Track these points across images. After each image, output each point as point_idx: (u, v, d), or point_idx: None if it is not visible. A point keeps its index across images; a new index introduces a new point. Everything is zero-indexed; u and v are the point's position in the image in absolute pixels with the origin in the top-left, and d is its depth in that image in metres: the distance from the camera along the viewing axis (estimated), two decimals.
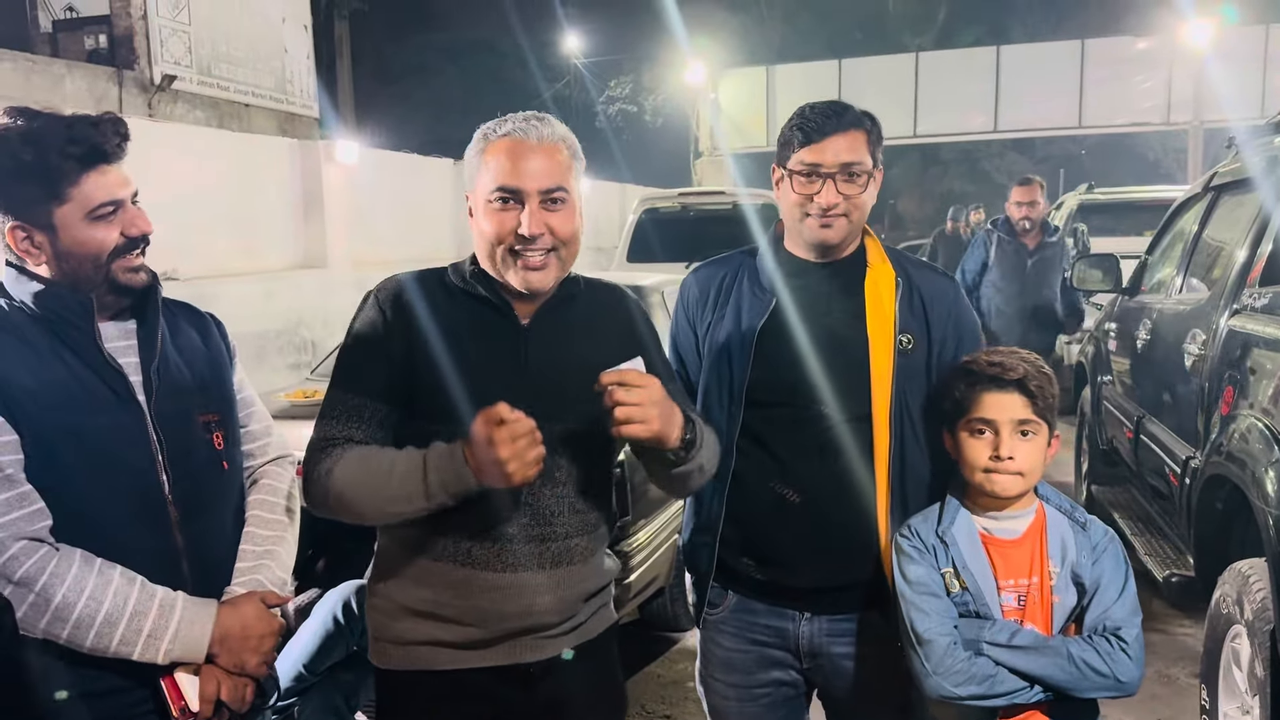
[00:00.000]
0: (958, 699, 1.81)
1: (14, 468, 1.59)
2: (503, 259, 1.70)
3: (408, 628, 1.76)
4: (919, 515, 1.97)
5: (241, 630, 1.72)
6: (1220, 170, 4.16)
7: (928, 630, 1.84)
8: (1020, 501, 1.91)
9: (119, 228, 1.68)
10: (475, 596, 1.71)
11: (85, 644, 1.60)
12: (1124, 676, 1.79)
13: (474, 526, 1.69)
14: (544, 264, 1.70)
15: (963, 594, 1.87)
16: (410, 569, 1.75)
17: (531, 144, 1.69)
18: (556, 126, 1.75)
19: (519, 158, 1.68)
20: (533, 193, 1.68)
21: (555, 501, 1.73)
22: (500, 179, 1.68)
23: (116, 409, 1.68)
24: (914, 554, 1.91)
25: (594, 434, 1.71)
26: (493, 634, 1.73)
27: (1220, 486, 3.00)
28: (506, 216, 1.68)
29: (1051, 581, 1.86)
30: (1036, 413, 1.88)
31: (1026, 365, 1.90)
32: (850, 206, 1.94)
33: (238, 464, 1.89)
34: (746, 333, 2.02)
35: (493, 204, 1.69)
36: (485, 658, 1.74)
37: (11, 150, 1.61)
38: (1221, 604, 2.82)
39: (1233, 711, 2.82)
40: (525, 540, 1.71)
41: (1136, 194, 10.76)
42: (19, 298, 1.68)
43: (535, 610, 1.73)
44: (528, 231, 1.67)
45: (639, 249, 9.16)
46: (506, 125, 1.72)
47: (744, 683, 2.10)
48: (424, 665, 1.75)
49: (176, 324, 1.86)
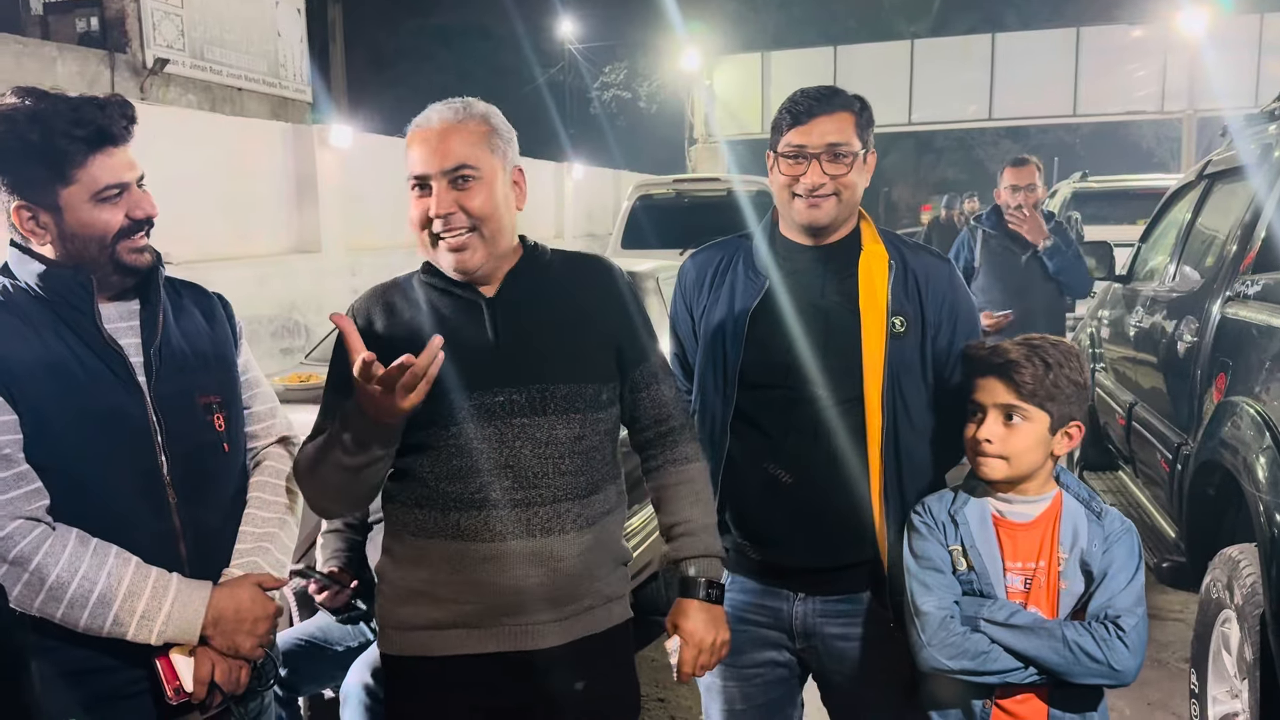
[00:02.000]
0: (949, 672, 1.83)
1: (12, 447, 1.59)
2: (431, 245, 1.75)
3: (410, 612, 1.78)
4: (935, 495, 1.98)
5: (235, 613, 1.72)
6: (1214, 158, 4.17)
7: (926, 603, 1.85)
8: (1033, 487, 1.91)
9: (124, 209, 1.69)
10: (467, 570, 1.73)
11: (79, 623, 1.61)
12: (1119, 665, 1.78)
13: (460, 495, 1.73)
14: (464, 244, 1.72)
15: (968, 572, 1.88)
16: (409, 550, 1.79)
17: (435, 129, 1.72)
18: (472, 106, 1.77)
19: (425, 144, 1.72)
20: (437, 174, 1.71)
21: (538, 462, 1.74)
22: (411, 168, 1.73)
23: (116, 390, 1.68)
24: (923, 530, 1.93)
25: (578, 396, 1.76)
26: (487, 610, 1.74)
27: (1212, 472, 3.01)
28: (422, 203, 1.73)
29: (1059, 568, 1.86)
30: (1024, 398, 1.87)
31: (1023, 350, 1.89)
32: (838, 186, 1.95)
33: (240, 445, 1.89)
34: (739, 315, 2.03)
35: (412, 193, 1.74)
36: (483, 641, 1.75)
37: (19, 131, 1.61)
38: (1212, 589, 2.83)
39: (1222, 695, 2.84)
40: (510, 505, 1.72)
41: (1130, 182, 10.77)
42: (22, 278, 1.69)
43: (526, 585, 1.73)
44: (433, 211, 1.70)
45: (633, 236, 9.15)
46: (419, 117, 1.77)
47: (738, 663, 2.11)
48: (425, 651, 1.77)
49: (181, 304, 1.87)
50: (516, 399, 1.72)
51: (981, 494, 1.94)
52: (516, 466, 1.73)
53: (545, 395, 1.74)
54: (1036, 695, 1.86)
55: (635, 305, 1.90)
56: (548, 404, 1.74)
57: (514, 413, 1.72)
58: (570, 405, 1.76)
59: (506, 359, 1.74)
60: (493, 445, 1.72)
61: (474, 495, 1.72)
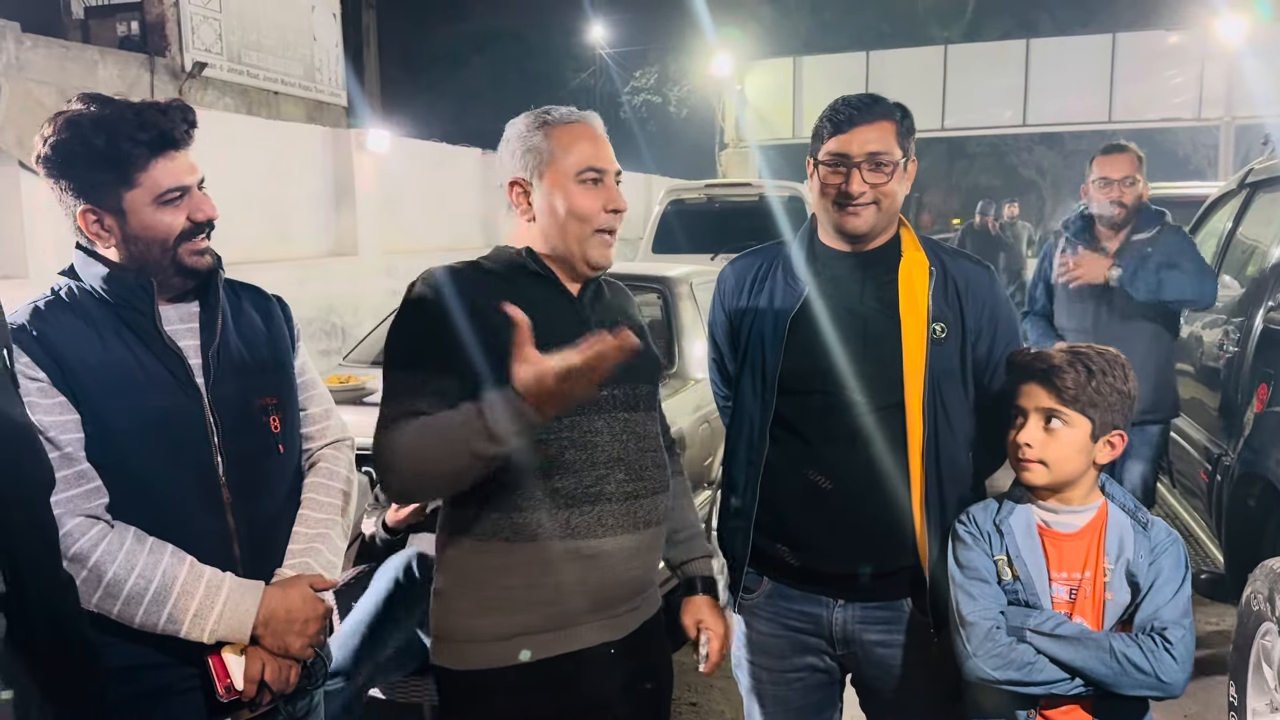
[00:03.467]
0: (995, 682, 1.82)
1: (74, 446, 1.63)
2: (588, 236, 1.78)
3: (492, 624, 1.74)
4: (979, 504, 1.98)
5: (286, 613, 1.75)
6: (1256, 167, 4.14)
7: (972, 613, 1.85)
8: (1077, 496, 1.91)
9: (185, 212, 1.72)
10: (574, 569, 1.73)
11: (135, 620, 1.64)
12: (1166, 677, 1.76)
13: (573, 491, 1.72)
14: (613, 241, 1.83)
15: (1013, 582, 1.87)
16: (498, 561, 1.73)
17: (599, 131, 1.83)
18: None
19: (597, 141, 1.81)
20: (613, 172, 1.81)
21: (642, 455, 1.81)
22: (589, 160, 1.78)
23: (175, 391, 1.72)
24: (968, 539, 1.92)
25: (654, 396, 1.87)
26: (584, 609, 1.76)
27: (1253, 484, 2.99)
28: (598, 194, 1.78)
29: (1105, 578, 1.85)
30: (1065, 403, 1.86)
31: (1066, 356, 1.88)
32: (878, 195, 1.96)
33: (295, 447, 1.92)
34: (779, 321, 2.04)
35: (585, 183, 1.78)
36: (559, 643, 1.75)
37: (84, 136, 1.65)
38: (1252, 600, 2.81)
39: (1261, 708, 2.82)
40: (621, 498, 1.76)
41: (1167, 190, 10.62)
42: (87, 281, 1.73)
43: (628, 578, 1.79)
44: (621, 205, 1.80)
45: (664, 240, 9.14)
46: (562, 110, 1.83)
47: (778, 666, 2.13)
48: (502, 662, 1.74)
49: (240, 306, 1.90)
50: (617, 394, 1.78)
51: (1026, 503, 1.93)
52: (628, 460, 1.78)
53: (636, 393, 1.82)
54: (1081, 707, 1.85)
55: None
56: (639, 401, 1.82)
57: (618, 407, 1.78)
58: (651, 403, 1.87)
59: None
60: (605, 439, 1.76)
61: (589, 489, 1.73)
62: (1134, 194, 3.57)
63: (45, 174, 1.70)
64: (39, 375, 1.62)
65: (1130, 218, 3.60)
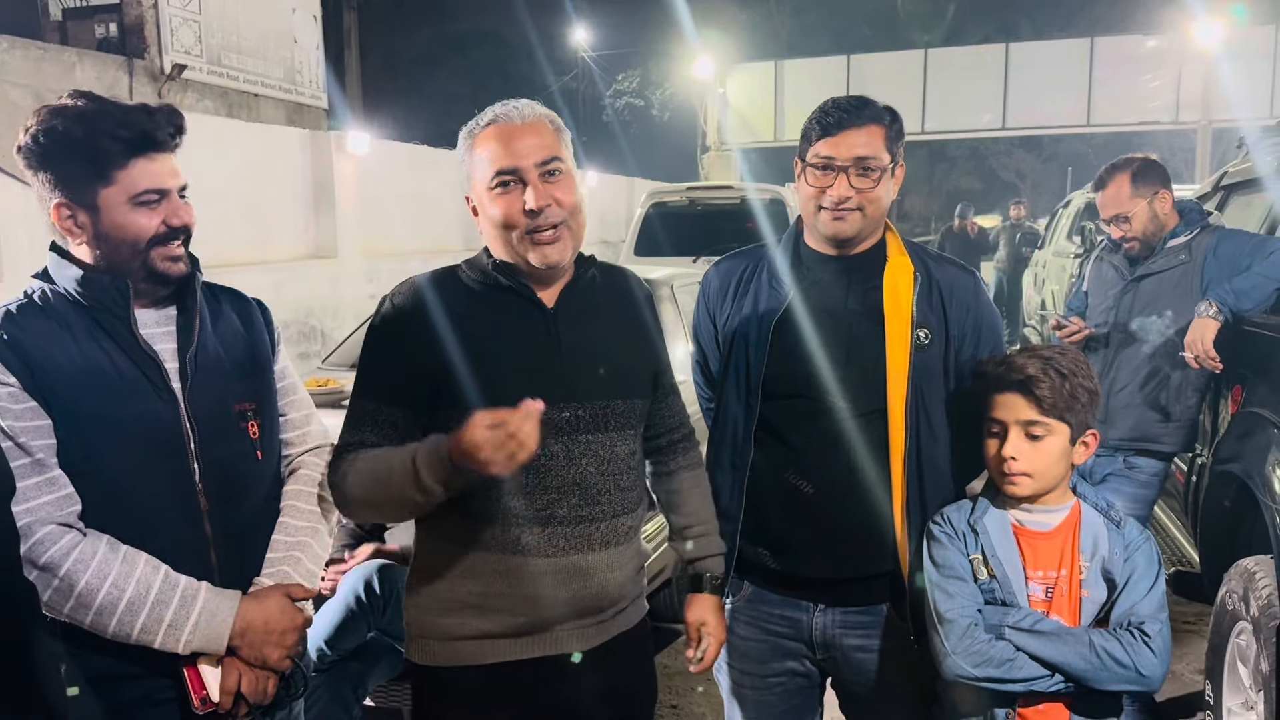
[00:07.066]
0: (974, 680, 1.82)
1: (45, 452, 1.60)
2: (519, 241, 1.70)
3: (455, 623, 1.74)
4: (953, 505, 1.98)
5: (264, 624, 1.71)
6: (1230, 170, 4.17)
7: (949, 610, 1.85)
8: (1053, 497, 1.92)
9: (161, 216, 1.69)
10: (526, 585, 1.71)
11: (107, 630, 1.61)
12: (1146, 670, 1.78)
13: (523, 512, 1.70)
14: (556, 237, 1.70)
15: (990, 581, 1.88)
16: (457, 563, 1.74)
17: (516, 125, 1.71)
18: (536, 106, 1.77)
19: (509, 139, 1.70)
20: (529, 168, 1.69)
21: (602, 479, 1.74)
22: (496, 163, 1.69)
23: (150, 396, 1.69)
24: (943, 539, 1.93)
25: (633, 412, 1.78)
26: (543, 622, 1.73)
27: (1228, 484, 3.01)
28: (511, 198, 1.69)
29: (1081, 576, 1.86)
30: (1045, 412, 1.86)
31: (1038, 363, 1.88)
32: (864, 200, 1.94)
33: (274, 453, 1.89)
34: (763, 325, 2.03)
35: (494, 190, 1.70)
36: (532, 647, 1.75)
37: (66, 127, 1.64)
38: (1227, 600, 2.84)
39: (1237, 707, 2.84)
40: (575, 522, 1.72)
41: None
42: (61, 283, 1.70)
43: (584, 595, 1.74)
44: (535, 204, 1.67)
45: (646, 243, 9.16)
46: (487, 115, 1.75)
47: (758, 671, 2.13)
48: (468, 660, 1.74)
49: (219, 309, 1.87)
50: (582, 415, 1.71)
51: (1000, 504, 1.94)
52: (583, 484, 1.72)
53: (607, 412, 1.74)
54: (1059, 703, 1.86)
55: (655, 321, 1.93)
56: (609, 420, 1.75)
57: (580, 429, 1.71)
58: (626, 421, 1.78)
59: (572, 373, 1.72)
60: (560, 463, 1.70)
61: (539, 512, 1.70)
62: (1140, 224, 3.32)
63: (25, 165, 1.68)
64: (9, 380, 1.59)
65: (1150, 242, 3.34)
